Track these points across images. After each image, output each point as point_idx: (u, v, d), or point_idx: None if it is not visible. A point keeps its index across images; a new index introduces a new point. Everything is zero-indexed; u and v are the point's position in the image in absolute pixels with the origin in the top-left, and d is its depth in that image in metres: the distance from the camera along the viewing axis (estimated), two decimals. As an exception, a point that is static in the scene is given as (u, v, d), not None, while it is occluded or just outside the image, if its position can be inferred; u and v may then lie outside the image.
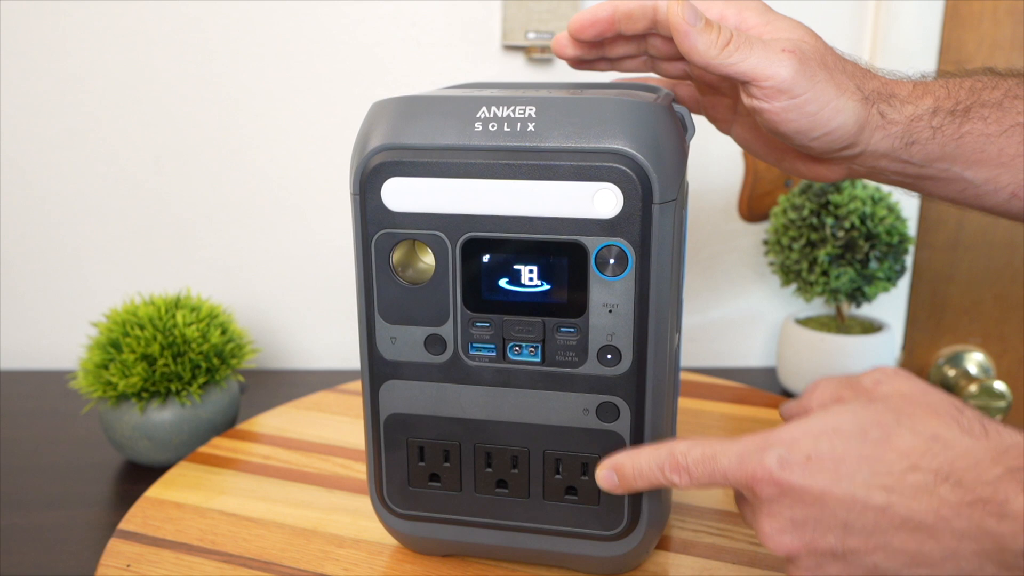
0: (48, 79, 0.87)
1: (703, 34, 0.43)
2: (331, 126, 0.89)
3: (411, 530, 0.50)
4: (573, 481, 0.47)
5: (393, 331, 0.46)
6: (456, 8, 0.86)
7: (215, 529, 0.54)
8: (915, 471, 0.35)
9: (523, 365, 0.45)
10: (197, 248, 0.92)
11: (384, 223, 0.44)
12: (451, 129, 0.43)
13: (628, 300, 0.43)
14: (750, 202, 0.93)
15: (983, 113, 0.46)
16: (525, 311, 0.44)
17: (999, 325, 0.96)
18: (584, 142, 0.41)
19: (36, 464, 0.70)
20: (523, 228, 0.43)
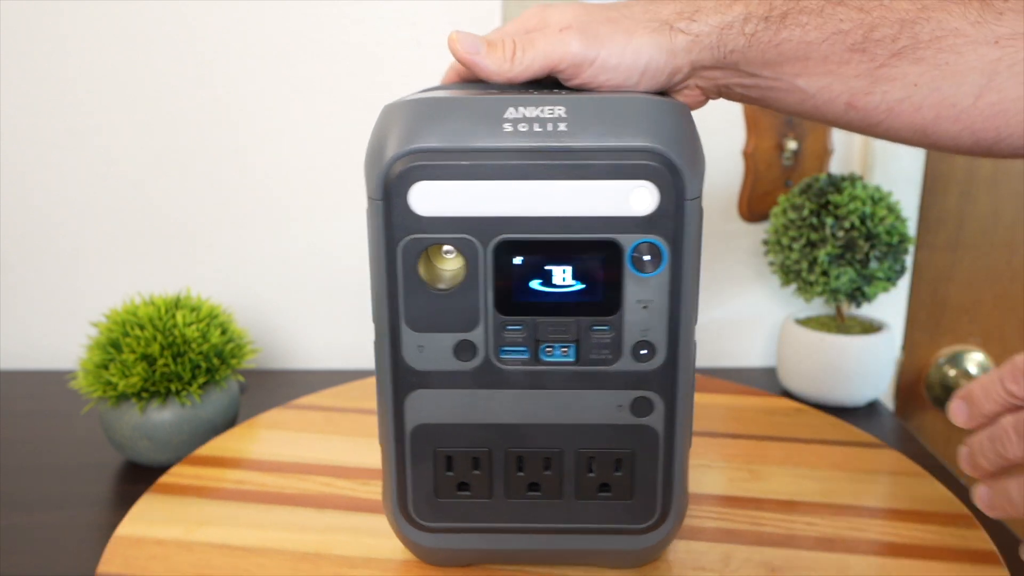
0: (48, 79, 0.87)
1: (489, 56, 0.45)
2: (331, 126, 0.89)
3: (437, 543, 0.48)
4: (607, 478, 0.47)
5: (421, 339, 0.45)
6: (456, 8, 0.86)
7: (209, 563, 0.51)
8: None
9: (556, 366, 0.45)
10: (197, 248, 0.92)
11: (411, 228, 0.43)
12: (480, 131, 0.42)
13: (663, 295, 0.43)
14: (750, 202, 0.93)
15: (801, 20, 0.46)
16: (559, 311, 0.44)
17: (999, 325, 0.96)
18: (617, 141, 0.42)
19: (36, 464, 0.70)
20: (557, 228, 0.43)
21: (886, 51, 0.46)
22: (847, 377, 0.83)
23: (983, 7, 0.46)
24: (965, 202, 0.93)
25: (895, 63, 0.47)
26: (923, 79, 0.47)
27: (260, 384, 0.88)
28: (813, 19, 0.46)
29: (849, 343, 0.83)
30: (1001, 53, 0.46)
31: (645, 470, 0.47)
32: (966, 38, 0.46)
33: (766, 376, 0.94)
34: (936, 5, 0.46)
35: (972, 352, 0.97)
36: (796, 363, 0.86)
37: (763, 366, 0.98)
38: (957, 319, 0.96)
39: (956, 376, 0.96)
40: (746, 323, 0.96)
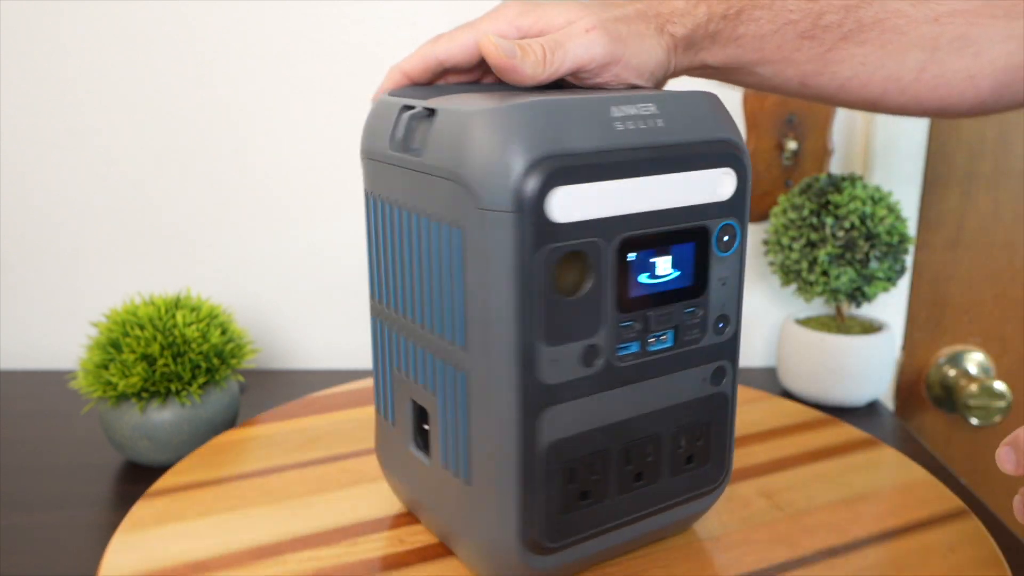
0: (48, 79, 0.87)
1: (524, 62, 0.45)
2: (331, 126, 0.89)
3: (560, 562, 0.46)
4: (692, 449, 0.49)
5: (554, 353, 0.42)
6: (456, 8, 0.86)
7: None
8: None
9: (660, 353, 0.46)
10: (197, 248, 0.92)
11: (549, 238, 0.40)
12: (597, 131, 0.42)
13: (735, 271, 0.48)
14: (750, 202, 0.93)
15: (755, 15, 0.49)
16: (662, 301, 0.46)
17: (999, 325, 0.96)
18: (703, 134, 0.45)
19: (36, 464, 0.70)
20: (662, 221, 0.44)
21: (834, 36, 0.50)
22: (847, 377, 0.83)
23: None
24: (965, 202, 0.93)
25: (842, 46, 0.50)
26: (869, 58, 0.50)
27: (260, 384, 0.88)
28: (765, 13, 0.49)
29: (849, 343, 0.83)
30: (941, 29, 0.49)
31: (719, 433, 0.50)
32: (907, 18, 0.49)
33: (766, 376, 0.94)
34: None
35: (972, 352, 0.97)
36: (796, 363, 0.86)
37: (763, 366, 0.98)
38: (957, 319, 0.96)
39: (956, 376, 0.96)
40: (746, 323, 0.96)
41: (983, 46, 0.49)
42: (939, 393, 0.98)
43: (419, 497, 0.52)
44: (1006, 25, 0.48)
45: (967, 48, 0.49)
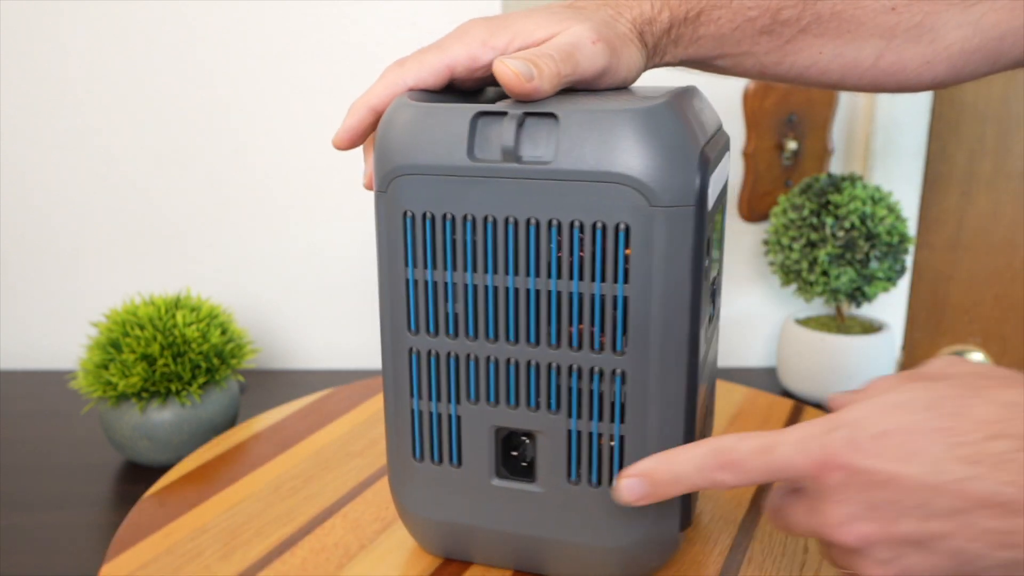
0: (48, 79, 0.87)
1: (543, 81, 0.43)
2: (331, 126, 0.89)
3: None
4: None
5: (704, 335, 0.46)
6: (456, 8, 0.86)
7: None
8: (997, 439, 0.32)
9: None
10: (197, 248, 0.92)
11: (707, 226, 0.43)
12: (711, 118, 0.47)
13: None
14: (750, 202, 0.93)
15: (714, 16, 0.50)
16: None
17: (999, 325, 0.96)
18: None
19: (36, 464, 0.70)
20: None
21: (792, 29, 0.50)
22: (847, 377, 0.83)
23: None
24: (965, 202, 0.93)
25: (801, 38, 0.51)
26: (827, 48, 0.51)
27: (260, 384, 0.88)
28: (725, 12, 0.50)
29: (849, 343, 0.83)
30: (898, 19, 0.50)
31: None
32: (864, 9, 0.50)
33: (766, 376, 0.94)
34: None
35: (972, 352, 0.97)
36: (796, 363, 0.86)
37: (763, 366, 0.98)
38: (957, 319, 0.96)
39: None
40: (746, 323, 0.96)
41: (939, 33, 0.50)
42: (939, 393, 0.98)
43: (498, 525, 0.48)
44: (961, 12, 0.49)
45: (924, 36, 0.50)
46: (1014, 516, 0.32)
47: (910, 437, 0.33)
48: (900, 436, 0.33)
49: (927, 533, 0.33)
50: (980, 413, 0.33)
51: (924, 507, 0.33)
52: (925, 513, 0.33)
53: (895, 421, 0.34)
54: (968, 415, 0.33)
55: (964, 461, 0.32)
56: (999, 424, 0.33)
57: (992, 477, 0.32)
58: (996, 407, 0.33)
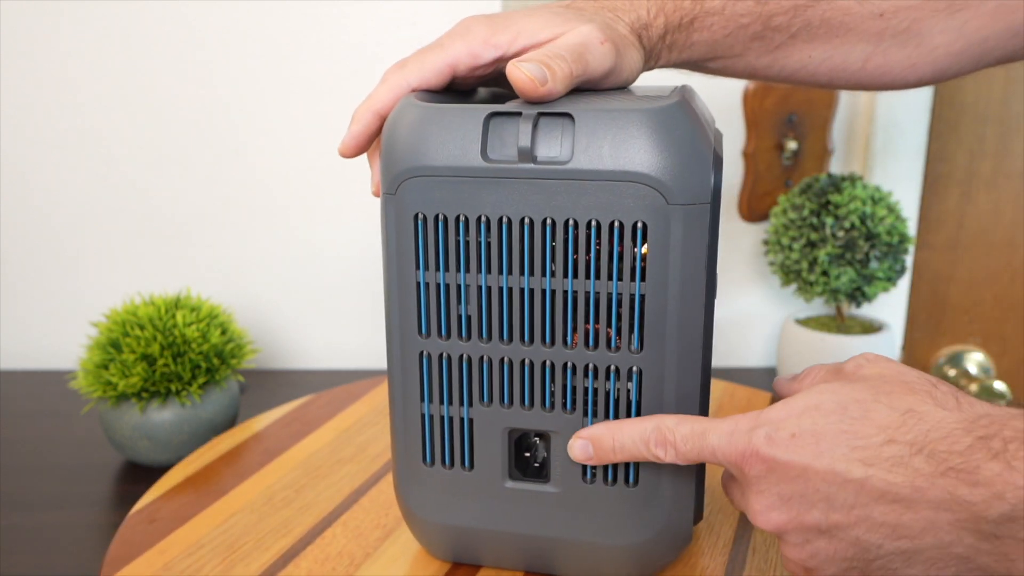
0: (48, 80, 0.87)
1: (556, 83, 0.43)
2: (330, 126, 0.89)
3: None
4: None
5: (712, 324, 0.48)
6: (456, 8, 0.86)
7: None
8: (891, 444, 0.36)
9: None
10: (197, 248, 0.92)
11: (718, 221, 0.44)
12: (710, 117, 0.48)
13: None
14: (750, 202, 0.93)
15: (708, 22, 0.51)
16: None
17: (999, 325, 0.96)
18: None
19: (36, 464, 0.70)
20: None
21: (783, 35, 0.51)
22: (847, 377, 0.83)
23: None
24: (965, 202, 0.93)
25: (791, 43, 0.52)
26: (816, 52, 0.52)
27: (260, 384, 0.88)
28: (718, 19, 0.51)
29: (849, 343, 0.83)
30: (886, 24, 0.51)
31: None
32: (853, 15, 0.51)
33: (766, 376, 0.94)
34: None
35: (972, 352, 0.97)
36: (796, 363, 0.86)
37: (763, 366, 0.98)
38: (957, 319, 0.96)
39: (956, 376, 0.96)
40: (746, 323, 0.96)
41: (924, 37, 0.52)
42: (939, 393, 0.98)
43: (511, 527, 0.48)
44: (947, 18, 0.51)
45: (910, 40, 0.52)
46: (905, 512, 0.36)
47: (819, 438, 0.38)
48: (811, 436, 0.38)
49: (831, 523, 0.38)
50: (880, 418, 0.37)
51: (828, 500, 0.37)
52: (829, 505, 0.37)
53: (808, 423, 0.38)
54: (870, 420, 0.37)
55: (863, 462, 0.37)
56: (895, 430, 0.37)
57: (885, 478, 0.36)
58: (895, 413, 0.37)
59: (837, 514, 0.37)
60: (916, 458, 0.36)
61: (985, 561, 0.35)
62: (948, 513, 0.35)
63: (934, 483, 0.35)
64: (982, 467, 0.34)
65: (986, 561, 0.35)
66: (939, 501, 0.35)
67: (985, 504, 0.34)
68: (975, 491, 0.34)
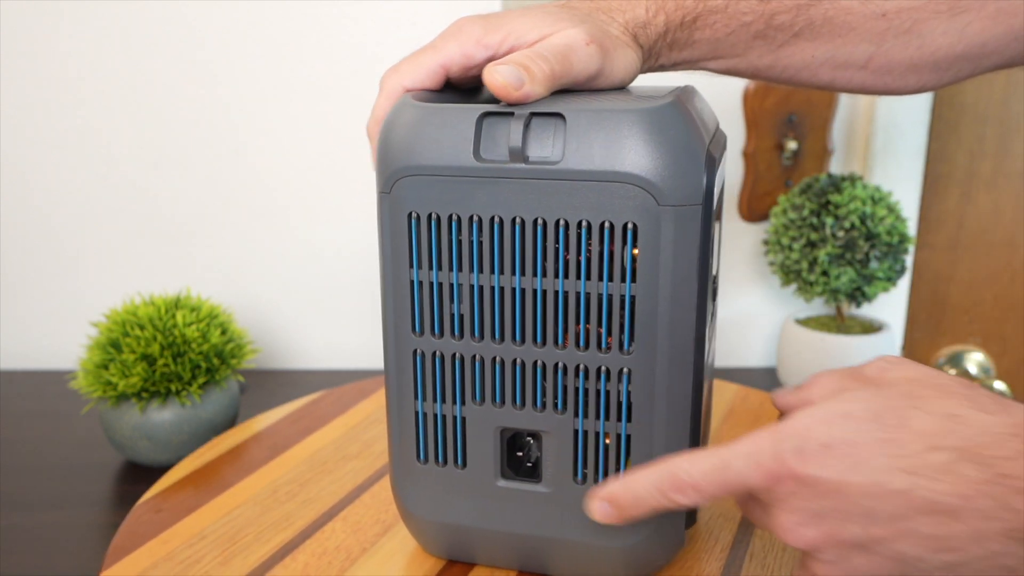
0: (48, 79, 0.87)
1: (534, 85, 0.43)
2: (331, 126, 0.89)
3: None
4: None
5: (710, 332, 0.48)
6: (456, 8, 0.86)
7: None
8: (935, 451, 0.34)
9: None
10: (197, 248, 0.92)
11: (713, 222, 0.44)
12: (711, 118, 0.48)
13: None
14: (750, 202, 0.92)
15: (710, 20, 0.51)
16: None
17: (999, 325, 0.96)
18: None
19: (36, 464, 0.70)
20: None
21: (785, 34, 0.51)
22: (847, 377, 0.83)
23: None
24: (965, 202, 0.93)
25: (794, 42, 0.52)
26: (819, 51, 0.52)
27: (260, 384, 0.88)
28: (720, 17, 0.50)
29: (849, 343, 0.83)
30: (888, 25, 0.51)
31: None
32: (856, 15, 0.51)
33: (766, 376, 0.94)
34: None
35: (972, 352, 0.97)
36: (796, 363, 0.86)
37: (763, 366, 0.97)
38: (957, 319, 0.96)
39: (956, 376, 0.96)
40: (746, 323, 0.96)
41: (926, 39, 0.52)
42: (939, 393, 0.98)
43: (504, 526, 0.48)
44: (948, 20, 0.51)
45: (911, 42, 0.52)
46: (951, 523, 0.34)
47: (855, 448, 0.35)
48: (846, 447, 0.35)
49: (870, 538, 0.35)
50: (920, 425, 0.35)
51: (868, 514, 0.35)
52: (869, 520, 0.35)
53: (840, 432, 0.36)
54: (909, 427, 0.35)
55: (905, 472, 0.34)
56: (937, 436, 0.35)
57: (931, 488, 0.34)
58: (935, 419, 0.35)
59: (878, 528, 0.35)
60: (963, 464, 0.34)
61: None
62: (997, 523, 0.33)
63: (982, 491, 0.33)
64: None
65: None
66: (988, 510, 0.33)
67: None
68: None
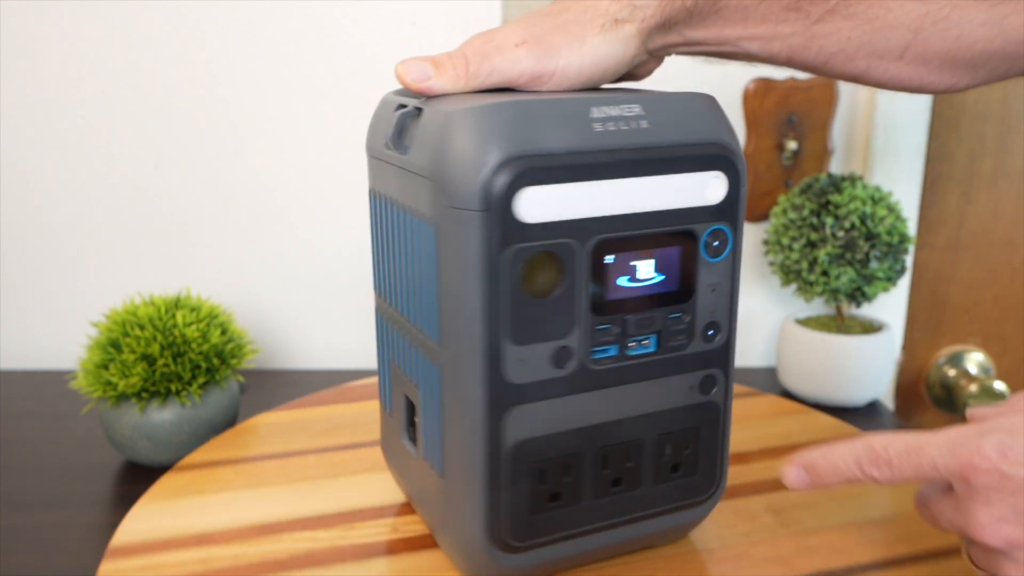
0: (48, 79, 0.87)
1: (442, 78, 0.45)
2: (331, 126, 0.89)
3: (530, 561, 0.46)
4: (678, 458, 0.48)
5: (522, 353, 0.43)
6: (456, 8, 0.86)
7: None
8: None
9: (641, 358, 0.46)
10: (197, 248, 0.92)
11: (517, 237, 0.41)
12: (573, 132, 0.42)
13: (727, 277, 0.47)
14: (750, 202, 0.93)
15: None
16: (644, 305, 0.45)
17: (999, 325, 0.96)
18: (691, 136, 0.44)
19: (36, 464, 0.70)
20: (644, 224, 0.44)
21: (820, 9, 0.50)
22: (847, 377, 0.83)
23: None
24: (965, 202, 0.93)
25: (829, 19, 0.50)
26: (855, 33, 0.50)
27: (260, 384, 0.88)
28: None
29: (849, 343, 0.83)
30: (927, 9, 0.49)
31: (709, 444, 0.49)
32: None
33: (766, 376, 0.94)
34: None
35: (972, 352, 0.97)
36: (796, 363, 0.86)
37: (763, 366, 0.98)
38: (957, 319, 0.96)
39: (956, 376, 0.96)
40: (746, 323, 0.96)
41: (964, 29, 0.50)
42: (939, 393, 0.98)
43: (410, 488, 0.54)
44: (988, 10, 0.50)
45: (949, 31, 0.50)
46: None
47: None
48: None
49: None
50: None
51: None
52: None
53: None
54: None
55: None
56: None
57: None
58: None
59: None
60: None
61: None
62: None
63: None
64: None
65: None
66: None
67: None
68: None
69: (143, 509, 0.57)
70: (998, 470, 0.36)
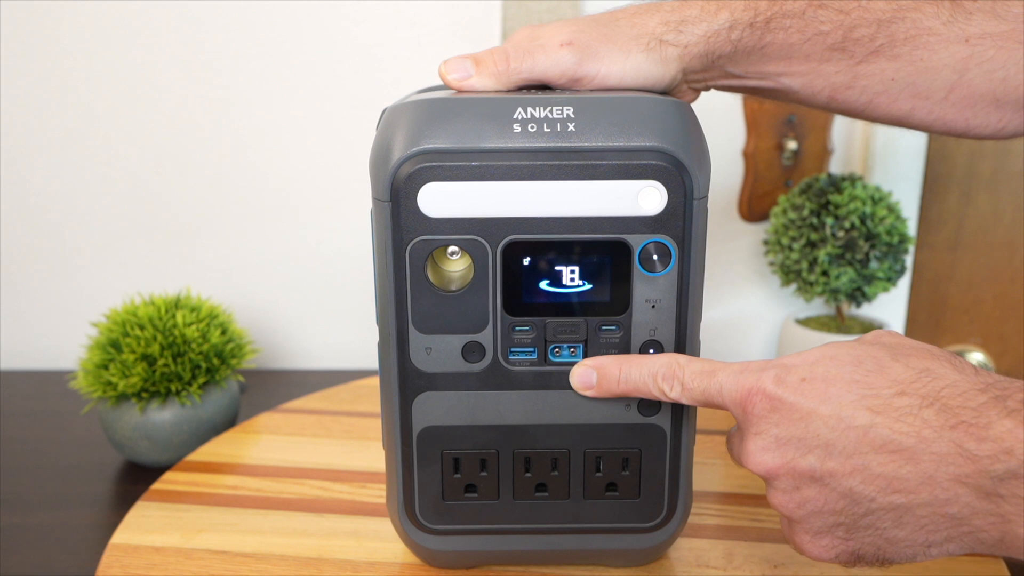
0: (49, 79, 0.87)
1: (482, 75, 0.46)
2: (331, 126, 0.89)
3: (443, 545, 0.48)
4: (614, 477, 0.47)
5: (428, 341, 0.44)
6: (456, 8, 0.86)
7: (209, 569, 0.50)
8: (903, 396, 0.36)
9: (565, 366, 0.45)
10: (197, 248, 0.92)
11: (420, 230, 0.42)
12: (489, 131, 0.42)
13: (671, 295, 0.44)
14: (750, 202, 0.93)
15: (784, 23, 0.49)
16: (567, 312, 0.44)
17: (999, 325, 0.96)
18: (626, 141, 0.42)
19: (36, 464, 0.70)
20: (566, 229, 0.43)
21: (865, 49, 0.49)
22: (847, 377, 0.83)
23: (954, 7, 0.49)
24: (965, 202, 0.93)
25: (873, 60, 0.50)
26: (899, 74, 0.50)
27: (260, 384, 0.88)
28: (795, 22, 0.49)
29: (849, 343, 0.83)
30: (971, 51, 0.49)
31: (652, 469, 0.47)
32: (939, 36, 0.49)
33: (766, 376, 0.94)
34: (910, 5, 0.49)
35: (972, 352, 0.97)
36: (796, 363, 0.86)
37: (763, 366, 0.97)
38: (957, 319, 0.96)
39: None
40: (746, 323, 0.96)
41: (1011, 71, 0.49)
42: (939, 393, 0.98)
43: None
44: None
45: (995, 72, 0.49)
46: (904, 464, 0.36)
47: (829, 383, 0.37)
48: (821, 382, 0.38)
49: (825, 470, 0.37)
50: (895, 373, 0.37)
51: (826, 446, 0.37)
52: (826, 452, 0.37)
53: (821, 370, 0.38)
54: (884, 374, 0.37)
55: (870, 410, 0.36)
56: (908, 384, 0.37)
57: (891, 427, 0.36)
58: (911, 371, 0.37)
59: (833, 461, 0.37)
60: (927, 410, 0.36)
61: (979, 523, 0.35)
62: (951, 467, 0.35)
63: (941, 435, 0.35)
64: (994, 423, 0.34)
65: (980, 523, 0.35)
66: (943, 454, 0.35)
67: (991, 459, 0.34)
68: (983, 445, 0.34)
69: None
70: (770, 396, 0.38)
